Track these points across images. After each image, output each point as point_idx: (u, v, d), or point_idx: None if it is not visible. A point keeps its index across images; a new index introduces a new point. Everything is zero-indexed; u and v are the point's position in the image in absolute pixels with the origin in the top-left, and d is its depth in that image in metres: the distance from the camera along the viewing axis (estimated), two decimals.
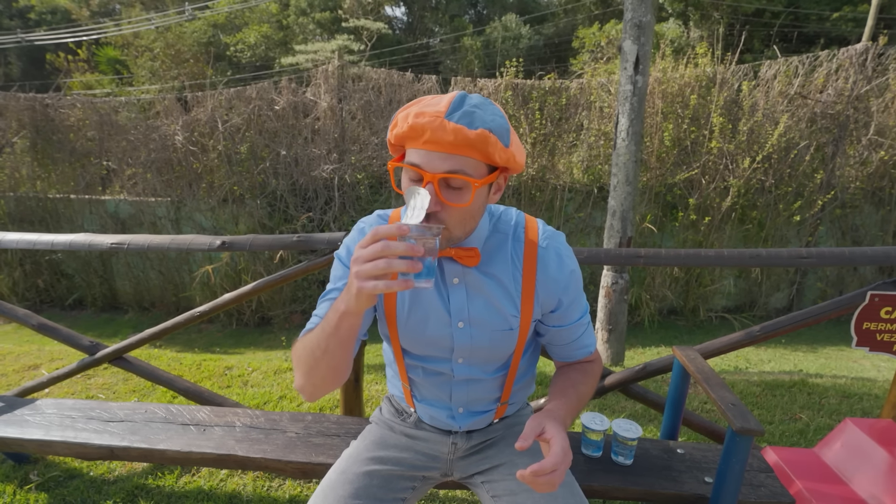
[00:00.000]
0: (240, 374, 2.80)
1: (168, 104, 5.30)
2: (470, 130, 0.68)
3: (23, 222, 5.76)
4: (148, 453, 1.34)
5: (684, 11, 10.58)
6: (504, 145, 0.72)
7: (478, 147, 0.70)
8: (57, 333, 1.92)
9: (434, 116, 0.68)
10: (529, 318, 0.88)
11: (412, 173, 0.73)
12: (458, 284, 0.85)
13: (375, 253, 0.59)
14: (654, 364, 1.61)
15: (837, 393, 2.49)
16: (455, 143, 0.69)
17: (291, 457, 1.29)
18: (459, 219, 0.75)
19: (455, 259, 0.83)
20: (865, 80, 4.49)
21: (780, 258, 1.41)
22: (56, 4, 15.84)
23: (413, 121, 0.69)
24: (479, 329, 0.86)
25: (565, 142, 4.96)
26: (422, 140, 0.70)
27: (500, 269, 0.85)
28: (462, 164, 0.71)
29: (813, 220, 4.82)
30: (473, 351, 0.88)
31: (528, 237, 0.87)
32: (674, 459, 1.27)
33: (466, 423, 0.98)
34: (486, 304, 0.85)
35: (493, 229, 0.87)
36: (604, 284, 3.49)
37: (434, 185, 0.71)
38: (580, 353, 0.94)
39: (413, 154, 0.72)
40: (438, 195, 0.71)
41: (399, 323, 0.89)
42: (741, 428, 1.00)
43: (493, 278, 0.85)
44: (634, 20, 3.03)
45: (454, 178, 0.71)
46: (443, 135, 0.68)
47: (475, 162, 0.72)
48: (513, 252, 0.86)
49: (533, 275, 0.85)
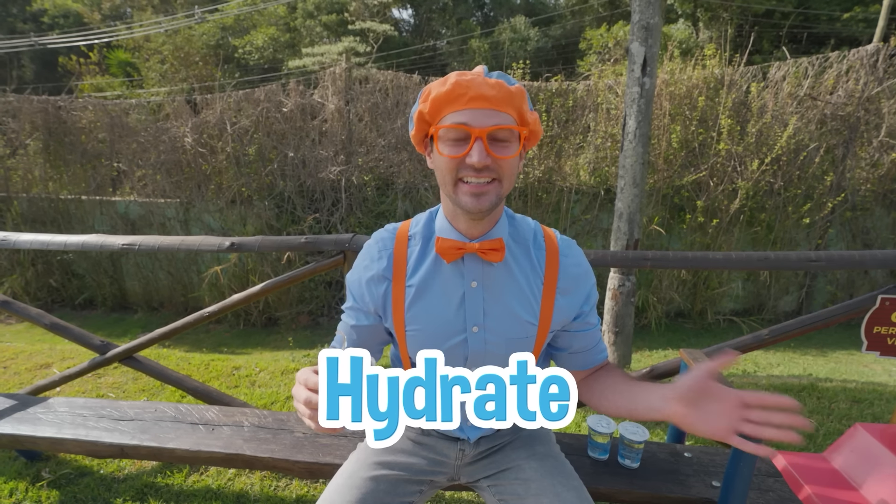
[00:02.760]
0: (247, 374, 2.82)
1: (177, 106, 5.36)
2: (510, 84, 0.74)
3: (35, 223, 5.85)
4: (158, 452, 1.35)
5: (694, 13, 10.53)
6: (530, 108, 0.78)
7: (516, 102, 0.74)
8: (69, 333, 1.95)
9: (475, 75, 0.74)
10: (548, 328, 0.87)
11: (457, 132, 0.74)
12: (476, 288, 0.84)
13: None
14: (661, 367, 1.61)
15: (847, 397, 2.47)
16: (498, 96, 0.72)
17: (299, 457, 1.30)
18: (509, 172, 0.77)
19: (479, 254, 0.82)
20: (876, 82, 4.44)
21: (788, 261, 1.41)
22: (68, 8, 16.08)
23: (456, 79, 0.72)
24: (494, 335, 0.85)
25: (572, 144, 4.95)
26: (466, 98, 0.72)
27: (519, 272, 0.85)
28: (506, 118, 0.74)
29: (823, 223, 4.76)
30: (487, 358, 0.85)
31: (548, 245, 0.87)
32: (681, 463, 1.27)
33: (476, 433, 0.97)
34: (505, 309, 0.84)
35: (513, 229, 0.88)
36: (610, 287, 3.47)
37: (483, 141, 0.73)
38: (600, 357, 0.94)
39: (456, 115, 0.74)
40: (487, 150, 0.73)
41: (408, 333, 0.87)
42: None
43: (512, 281, 0.84)
44: (642, 22, 3.02)
45: (501, 130, 0.74)
46: (486, 90, 0.72)
47: (513, 120, 0.76)
48: (536, 259, 0.86)
49: (554, 285, 0.85)
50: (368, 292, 0.88)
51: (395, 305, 0.86)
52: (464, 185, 0.76)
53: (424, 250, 0.87)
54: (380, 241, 0.90)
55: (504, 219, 0.86)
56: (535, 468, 0.91)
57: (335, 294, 5.36)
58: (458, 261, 0.84)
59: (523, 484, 0.90)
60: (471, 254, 0.83)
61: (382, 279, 0.87)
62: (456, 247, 0.81)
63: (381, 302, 0.87)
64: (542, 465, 0.92)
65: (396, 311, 0.86)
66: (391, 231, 0.91)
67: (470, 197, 0.75)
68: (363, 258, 0.91)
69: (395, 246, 0.88)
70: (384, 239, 0.90)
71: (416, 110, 0.79)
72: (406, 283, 0.86)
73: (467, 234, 0.83)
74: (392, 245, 0.88)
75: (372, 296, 0.87)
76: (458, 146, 0.74)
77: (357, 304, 0.91)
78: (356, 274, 0.91)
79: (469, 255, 0.83)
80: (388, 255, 0.87)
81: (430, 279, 0.85)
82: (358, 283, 0.90)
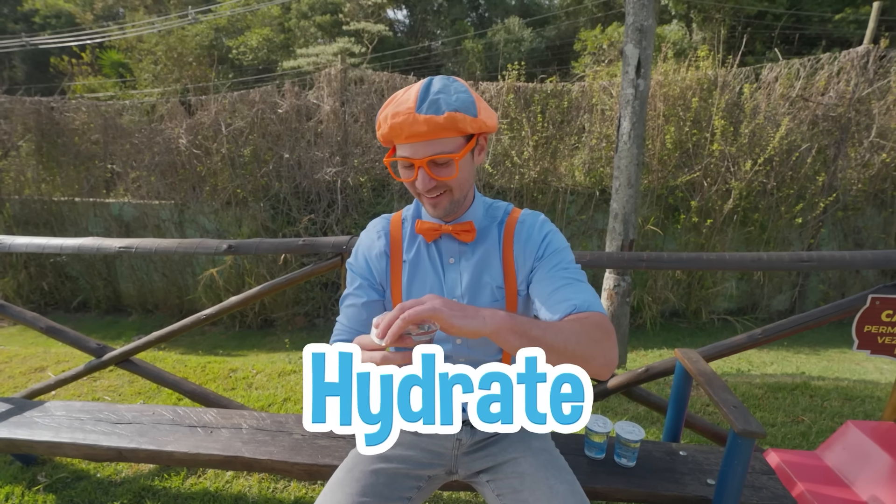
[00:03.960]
0: (244, 376, 2.81)
1: (171, 107, 5.33)
2: (438, 117, 0.79)
3: (28, 225, 5.80)
4: (156, 455, 1.35)
5: (687, 14, 10.59)
6: (472, 116, 0.82)
7: (449, 128, 0.81)
8: (65, 336, 1.94)
9: (406, 114, 0.80)
10: (514, 290, 0.94)
11: (404, 163, 0.86)
12: (453, 264, 0.96)
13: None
14: (657, 367, 1.63)
15: (840, 395, 2.50)
16: (429, 131, 0.80)
17: (297, 458, 1.30)
18: (456, 182, 0.88)
19: (453, 235, 0.94)
20: (867, 83, 4.50)
21: (781, 262, 1.43)
22: (60, 8, 15.94)
23: (391, 122, 0.81)
24: (472, 304, 0.91)
25: (567, 144, 4.97)
26: (403, 136, 0.82)
27: (487, 248, 0.96)
28: (441, 145, 0.83)
29: (815, 223, 4.82)
30: None
31: (509, 218, 0.97)
32: (676, 461, 1.29)
33: None
34: (476, 279, 0.95)
35: (486, 213, 0.99)
36: (606, 287, 3.50)
37: (425, 168, 0.84)
38: (562, 305, 0.81)
39: (401, 148, 0.85)
40: (430, 174, 0.84)
41: None
42: (743, 430, 1.01)
43: (484, 256, 0.95)
44: (636, 24, 3.05)
45: (438, 158, 0.83)
46: (417, 127, 0.79)
47: (452, 139, 0.83)
48: (498, 234, 0.96)
49: (511, 247, 0.95)
50: (374, 266, 0.99)
51: (392, 279, 0.98)
52: (423, 196, 0.90)
53: (414, 232, 0.99)
54: (377, 223, 1.02)
55: (478, 204, 0.97)
56: (530, 462, 0.95)
57: (331, 295, 5.36)
58: (437, 240, 0.96)
59: (519, 477, 0.93)
60: (447, 234, 0.95)
61: (383, 255, 0.99)
62: (433, 228, 0.94)
63: (384, 275, 0.99)
64: (537, 460, 0.95)
65: (394, 284, 0.98)
66: (386, 217, 1.03)
67: (430, 205, 0.90)
68: (364, 239, 1.02)
69: (391, 227, 1.00)
70: (381, 222, 1.02)
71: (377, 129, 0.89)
72: (402, 258, 0.98)
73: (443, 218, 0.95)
74: (388, 227, 1.01)
75: (377, 269, 0.99)
76: (408, 172, 0.87)
77: (364, 280, 0.99)
78: (360, 252, 1.01)
79: (445, 235, 0.95)
80: (386, 235, 1.00)
81: (420, 256, 0.98)
82: (364, 259, 1.00)
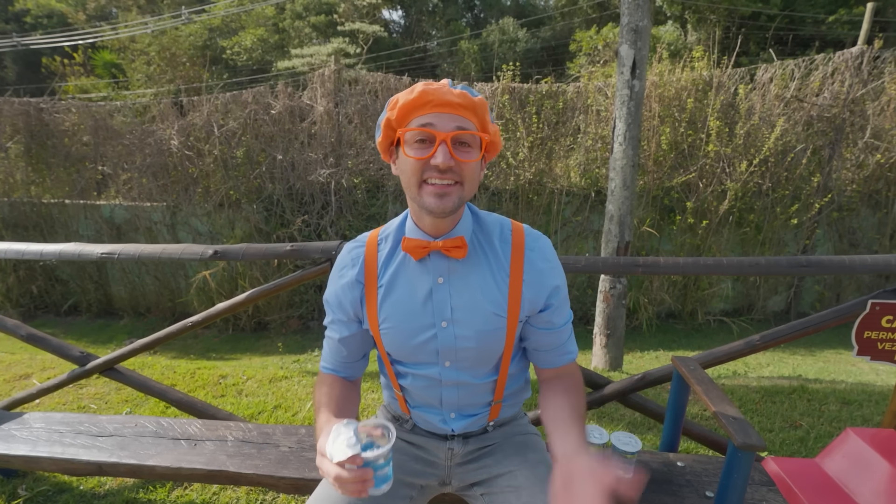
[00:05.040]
0: (234, 382, 2.76)
1: (164, 108, 5.27)
2: (473, 96, 0.77)
3: (17, 228, 5.72)
4: (137, 469, 1.31)
5: (682, 15, 10.61)
6: (491, 121, 0.81)
7: (479, 111, 0.78)
8: (46, 344, 1.89)
9: (440, 84, 0.77)
10: (517, 319, 0.88)
11: (422, 135, 0.78)
12: (442, 284, 0.87)
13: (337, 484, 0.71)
14: (654, 373, 1.59)
15: (837, 399, 2.48)
16: (462, 103, 0.76)
17: (284, 472, 1.26)
18: (471, 176, 0.80)
19: (443, 252, 0.85)
20: (861, 84, 4.50)
21: (779, 267, 1.40)
22: (52, 8, 15.79)
23: (423, 87, 0.76)
24: (464, 328, 0.87)
25: (562, 145, 4.95)
26: (432, 104, 0.76)
27: (485, 266, 0.88)
28: (468, 124, 0.78)
29: (810, 224, 4.81)
30: (459, 353, 0.89)
31: (514, 239, 0.89)
32: (674, 473, 1.25)
33: (460, 425, 0.97)
34: (471, 302, 0.87)
35: (477, 226, 0.90)
36: (602, 289, 3.47)
37: (447, 143, 0.76)
38: (564, 358, 0.94)
39: (422, 119, 0.77)
40: (451, 152, 0.77)
41: (382, 330, 0.90)
42: (743, 444, 0.98)
43: (478, 275, 0.87)
44: (631, 25, 3.02)
45: (465, 134, 0.78)
46: (451, 97, 0.76)
47: (476, 127, 0.80)
48: (501, 252, 0.88)
49: (520, 276, 0.87)
50: (346, 298, 0.91)
51: (368, 305, 0.90)
52: (428, 186, 0.79)
53: (394, 252, 0.91)
54: (351, 250, 0.93)
55: (468, 216, 0.89)
56: (526, 475, 0.91)
57: None
58: (424, 258, 0.87)
59: (515, 491, 0.90)
60: (436, 251, 0.86)
61: (356, 283, 0.91)
62: (421, 245, 0.85)
63: (358, 305, 0.91)
64: (534, 473, 0.92)
65: (370, 311, 0.90)
66: (361, 241, 0.94)
67: (433, 197, 0.78)
68: (337, 270, 0.94)
69: (366, 252, 0.92)
70: (355, 248, 0.93)
71: (383, 118, 0.82)
72: (378, 283, 0.90)
73: (432, 233, 0.86)
74: (363, 252, 0.92)
75: (350, 301, 0.91)
76: (424, 148, 0.78)
77: (337, 315, 0.94)
78: (332, 286, 0.94)
79: (434, 252, 0.86)
80: (360, 262, 0.91)
81: (398, 277, 0.89)
82: (335, 294, 0.93)
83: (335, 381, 0.96)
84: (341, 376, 0.98)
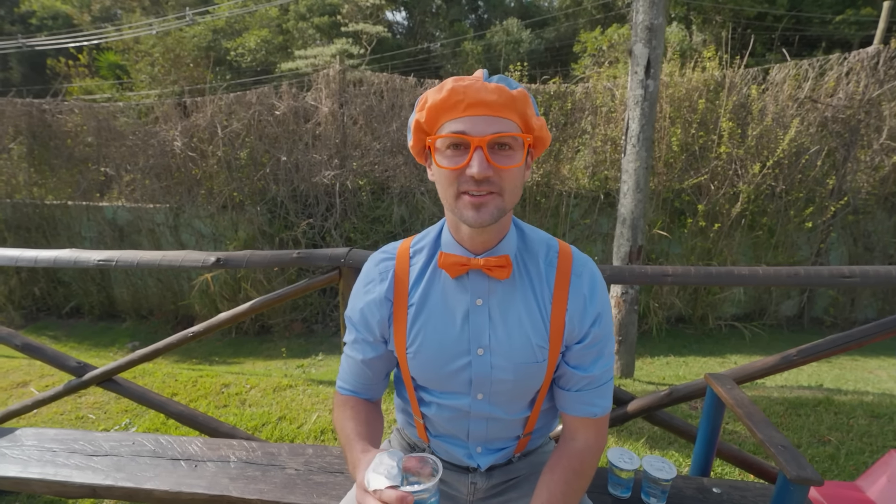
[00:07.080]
0: (237, 391, 2.68)
1: (167, 109, 5.21)
2: (511, 89, 0.67)
3: (20, 229, 5.67)
4: (133, 493, 1.23)
5: (687, 15, 10.52)
6: (535, 114, 0.71)
7: (519, 106, 0.68)
8: (42, 354, 1.82)
9: (473, 80, 0.67)
10: (558, 352, 0.78)
11: (455, 142, 0.68)
12: (481, 306, 0.78)
13: None
14: (682, 389, 1.50)
15: (865, 412, 2.38)
16: (499, 101, 0.66)
17: (291, 498, 1.18)
18: (512, 184, 0.70)
19: (484, 271, 0.76)
20: (877, 84, 4.39)
21: (820, 277, 1.31)
22: (57, 10, 15.80)
23: (453, 85, 0.66)
24: (501, 359, 0.77)
25: (570, 147, 4.86)
26: (463, 106, 0.67)
27: (529, 290, 0.77)
28: (507, 125, 0.68)
29: (825, 227, 4.71)
30: (495, 384, 0.79)
31: (561, 263, 0.78)
32: (710, 499, 1.16)
33: (486, 461, 0.88)
34: (512, 331, 0.77)
35: (522, 244, 0.80)
36: (613, 295, 3.38)
37: (483, 150, 0.67)
38: (586, 409, 0.80)
39: (454, 124, 0.68)
40: (488, 160, 0.67)
41: (409, 354, 0.80)
42: (797, 477, 0.89)
43: (521, 300, 0.77)
44: (646, 23, 2.93)
45: (503, 137, 0.68)
46: (486, 95, 0.66)
47: (517, 127, 0.70)
48: (546, 276, 0.78)
49: (564, 304, 0.77)
50: (373, 317, 0.83)
51: (396, 326, 0.81)
52: (465, 197, 0.70)
53: (427, 266, 0.82)
54: (380, 262, 0.85)
55: (513, 232, 0.80)
56: None
57: (330, 301, 5.23)
58: (462, 276, 0.78)
59: None
60: (475, 269, 0.77)
61: (385, 301, 0.82)
62: (460, 263, 0.76)
63: (385, 325, 0.83)
64: None
65: (397, 332, 0.81)
66: (391, 252, 0.85)
67: (471, 209, 0.70)
68: (363, 283, 0.84)
69: (396, 266, 0.83)
70: (384, 260, 0.84)
71: (413, 119, 0.72)
72: (408, 301, 0.81)
73: (472, 249, 0.77)
74: (393, 265, 0.83)
75: (377, 321, 0.82)
76: (457, 157, 0.69)
77: (361, 334, 0.84)
78: (356, 302, 0.84)
79: (474, 270, 0.77)
80: (390, 277, 0.82)
81: (430, 295, 0.80)
82: (360, 312, 0.83)
83: (357, 403, 0.87)
84: (363, 398, 0.89)
